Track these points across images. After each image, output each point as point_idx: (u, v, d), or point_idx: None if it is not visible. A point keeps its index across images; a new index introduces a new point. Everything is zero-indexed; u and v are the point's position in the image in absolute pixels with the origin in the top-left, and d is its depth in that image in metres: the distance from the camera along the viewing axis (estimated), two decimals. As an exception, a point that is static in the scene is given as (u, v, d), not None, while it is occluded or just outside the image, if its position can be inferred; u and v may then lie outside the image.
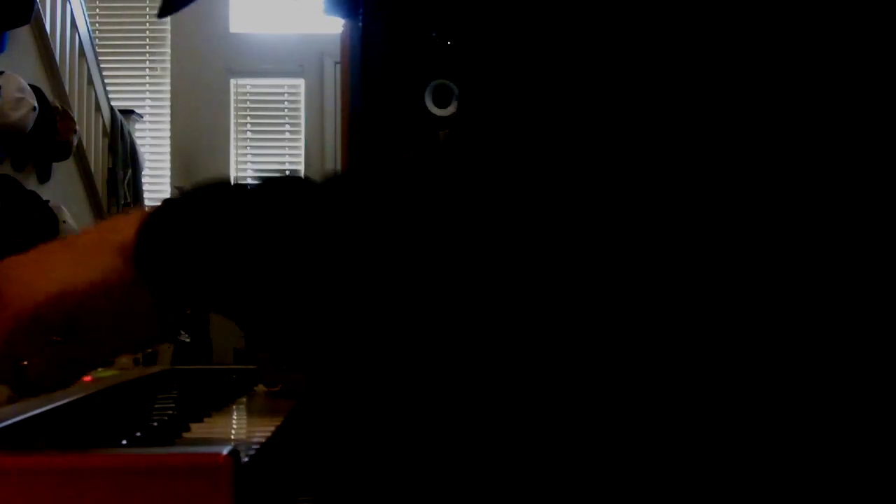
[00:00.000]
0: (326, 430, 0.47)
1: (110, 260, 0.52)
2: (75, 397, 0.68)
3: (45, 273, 0.53)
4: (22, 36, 4.02)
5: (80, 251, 0.54)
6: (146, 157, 5.78)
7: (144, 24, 6.04)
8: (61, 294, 0.52)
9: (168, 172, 6.01)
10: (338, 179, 0.51)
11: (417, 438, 0.45)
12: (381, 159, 0.50)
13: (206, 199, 0.51)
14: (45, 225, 3.97)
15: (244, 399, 0.87)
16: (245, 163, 6.06)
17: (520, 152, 0.44)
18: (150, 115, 6.06)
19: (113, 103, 5.29)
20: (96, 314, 0.53)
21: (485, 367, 0.42)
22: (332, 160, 5.82)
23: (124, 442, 0.56)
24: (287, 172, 5.75)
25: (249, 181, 0.52)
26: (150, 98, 6.08)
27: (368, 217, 0.45)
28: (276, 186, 0.50)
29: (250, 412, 0.80)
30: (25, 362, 0.54)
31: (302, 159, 6.00)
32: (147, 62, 6.08)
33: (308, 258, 0.45)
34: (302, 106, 6.02)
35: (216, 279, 0.48)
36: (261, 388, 0.89)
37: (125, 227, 0.52)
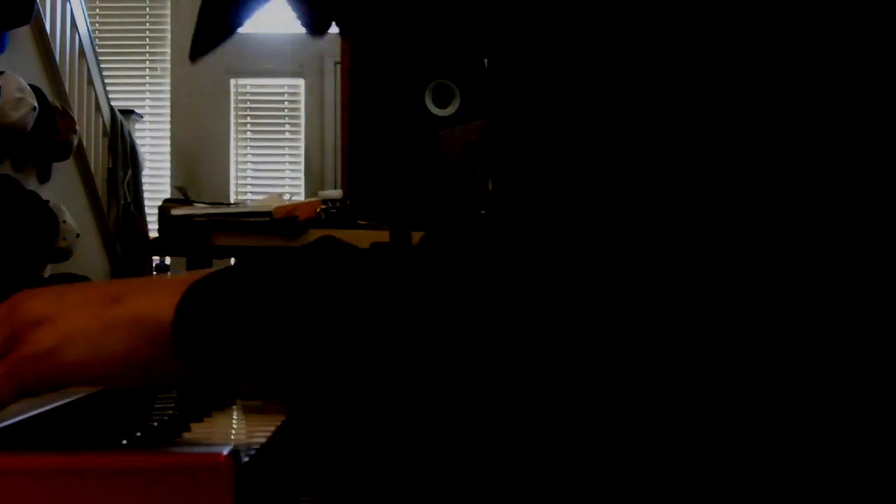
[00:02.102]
0: (327, 430, 0.47)
1: (140, 338, 0.50)
2: (75, 397, 0.68)
3: (69, 335, 0.51)
4: (22, 36, 4.02)
5: (110, 320, 0.51)
6: (146, 157, 5.78)
7: (144, 24, 6.05)
8: (82, 366, 0.51)
9: (168, 172, 6.02)
10: (378, 250, 0.49)
11: (418, 438, 0.45)
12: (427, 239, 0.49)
13: (248, 276, 0.49)
14: (45, 225, 3.97)
15: (244, 399, 0.87)
16: (245, 163, 6.07)
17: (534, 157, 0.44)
18: (150, 115, 6.06)
19: (113, 103, 5.29)
20: (114, 383, 0.53)
21: (485, 366, 0.42)
22: (332, 160, 5.83)
23: (124, 442, 0.56)
24: (289, 165, 5.73)
25: (281, 260, 0.49)
26: (150, 98, 6.08)
27: (413, 289, 0.44)
28: (319, 261, 0.48)
29: (250, 412, 0.80)
30: None
31: (302, 159, 6.01)
32: (147, 62, 6.08)
33: (360, 334, 0.44)
34: (302, 106, 6.02)
35: (265, 360, 0.47)
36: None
37: (161, 298, 0.50)
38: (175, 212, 2.39)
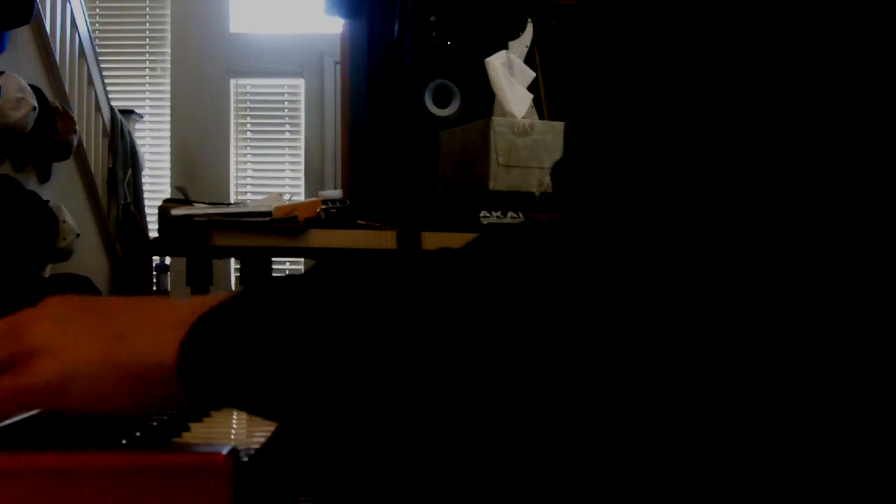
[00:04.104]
0: (327, 430, 0.47)
1: (143, 380, 0.50)
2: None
3: (71, 373, 0.51)
4: (22, 36, 4.02)
5: (114, 360, 0.50)
6: (146, 157, 5.78)
7: (144, 24, 6.05)
8: (83, 403, 0.51)
9: (168, 172, 6.01)
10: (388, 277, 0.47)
11: (418, 438, 0.45)
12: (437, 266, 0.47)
13: (251, 312, 0.48)
14: (45, 225, 3.98)
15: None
16: (245, 163, 6.06)
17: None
18: (150, 115, 6.06)
19: (113, 103, 5.29)
20: (115, 416, 0.53)
21: (485, 365, 0.42)
22: (332, 160, 5.82)
23: (124, 442, 0.56)
24: (289, 166, 5.73)
25: (292, 284, 0.48)
26: (150, 98, 6.08)
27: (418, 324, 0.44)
28: (325, 293, 0.47)
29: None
30: None
31: (302, 159, 6.00)
32: (147, 62, 6.08)
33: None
34: (302, 106, 6.02)
35: (272, 399, 0.47)
36: None
37: (164, 337, 0.50)
38: (175, 212, 2.39)
